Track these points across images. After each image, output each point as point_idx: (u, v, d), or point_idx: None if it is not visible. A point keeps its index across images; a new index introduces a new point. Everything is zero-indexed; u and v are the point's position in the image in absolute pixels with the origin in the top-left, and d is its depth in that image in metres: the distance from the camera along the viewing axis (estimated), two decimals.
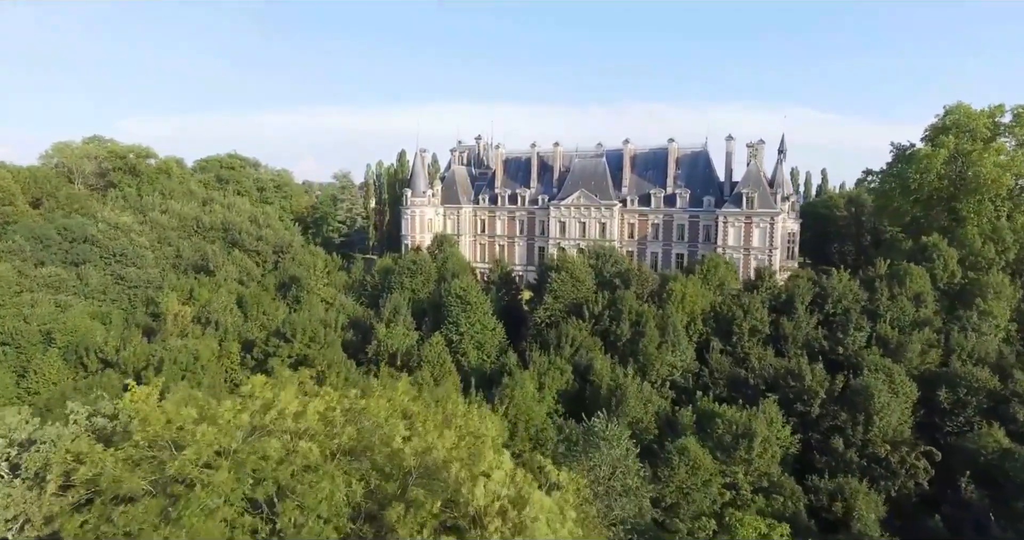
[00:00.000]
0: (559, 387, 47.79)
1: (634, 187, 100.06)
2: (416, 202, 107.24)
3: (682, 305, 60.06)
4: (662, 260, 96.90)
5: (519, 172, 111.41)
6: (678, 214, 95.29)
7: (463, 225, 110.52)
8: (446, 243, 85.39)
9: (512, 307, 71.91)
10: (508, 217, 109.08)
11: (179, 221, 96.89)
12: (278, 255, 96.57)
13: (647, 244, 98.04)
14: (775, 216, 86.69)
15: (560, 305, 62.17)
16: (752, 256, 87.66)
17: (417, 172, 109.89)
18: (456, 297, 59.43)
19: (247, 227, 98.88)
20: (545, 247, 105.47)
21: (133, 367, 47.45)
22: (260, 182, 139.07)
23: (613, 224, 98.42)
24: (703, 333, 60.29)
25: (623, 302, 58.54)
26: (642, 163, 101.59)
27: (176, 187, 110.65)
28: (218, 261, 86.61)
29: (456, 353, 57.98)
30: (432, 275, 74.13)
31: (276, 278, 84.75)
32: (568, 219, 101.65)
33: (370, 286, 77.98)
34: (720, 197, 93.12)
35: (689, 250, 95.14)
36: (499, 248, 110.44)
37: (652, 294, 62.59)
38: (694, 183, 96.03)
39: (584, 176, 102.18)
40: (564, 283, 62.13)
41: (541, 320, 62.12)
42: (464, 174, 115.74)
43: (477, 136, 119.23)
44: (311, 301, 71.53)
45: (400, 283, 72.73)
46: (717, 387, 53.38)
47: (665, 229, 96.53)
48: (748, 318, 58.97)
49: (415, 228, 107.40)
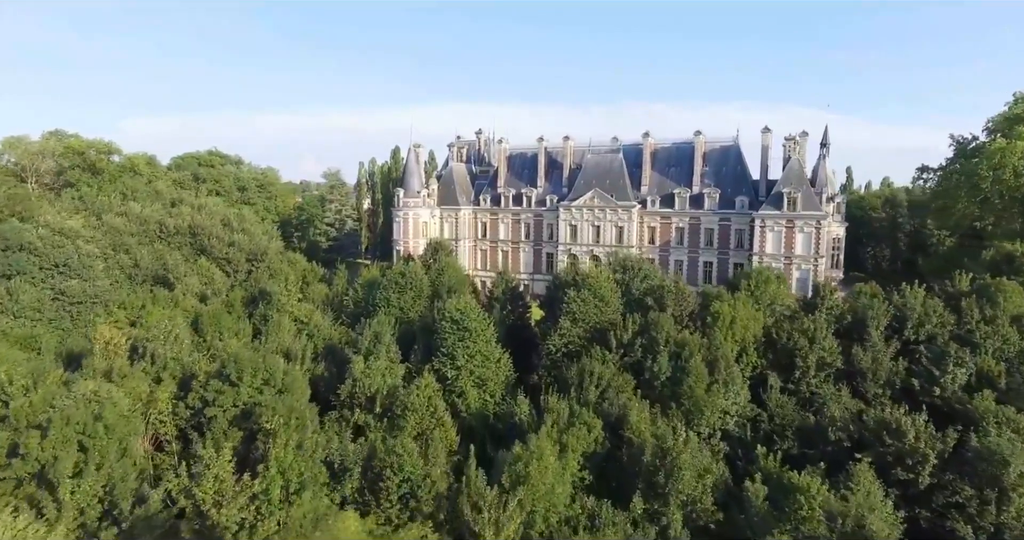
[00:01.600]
0: (585, 449, 36.45)
1: (655, 186, 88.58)
2: (409, 203, 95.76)
3: (731, 331, 48.56)
4: (687, 269, 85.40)
5: (524, 170, 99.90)
6: (706, 217, 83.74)
7: (462, 228, 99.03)
8: (441, 251, 73.86)
9: (519, 328, 60.45)
10: (512, 220, 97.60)
11: (139, 225, 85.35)
12: (252, 263, 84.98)
13: (670, 251, 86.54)
14: (821, 219, 75.17)
15: (580, 330, 50.67)
16: (795, 266, 76.19)
17: (410, 169, 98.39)
18: (452, 322, 47.96)
19: (218, 231, 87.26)
20: (554, 253, 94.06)
21: (27, 420, 36.12)
22: (241, 181, 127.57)
23: (631, 228, 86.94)
24: (756, 366, 48.81)
25: (659, 328, 47.02)
26: (664, 159, 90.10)
27: (142, 187, 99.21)
28: (178, 271, 75.13)
29: (451, 392, 46.52)
30: (424, 290, 62.63)
31: (245, 292, 73.29)
32: (580, 222, 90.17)
33: (352, 302, 66.47)
34: (755, 197, 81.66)
35: (719, 258, 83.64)
36: (502, 254, 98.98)
37: (692, 317, 51.04)
38: (724, 182, 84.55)
39: (598, 174, 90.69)
40: (585, 303, 50.59)
41: (556, 349, 50.63)
42: (463, 172, 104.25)
43: (478, 131, 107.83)
44: (281, 322, 59.97)
45: (386, 300, 61.24)
46: (783, 441, 41.90)
47: (691, 234, 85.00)
48: (814, 348, 47.48)
49: (408, 232, 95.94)
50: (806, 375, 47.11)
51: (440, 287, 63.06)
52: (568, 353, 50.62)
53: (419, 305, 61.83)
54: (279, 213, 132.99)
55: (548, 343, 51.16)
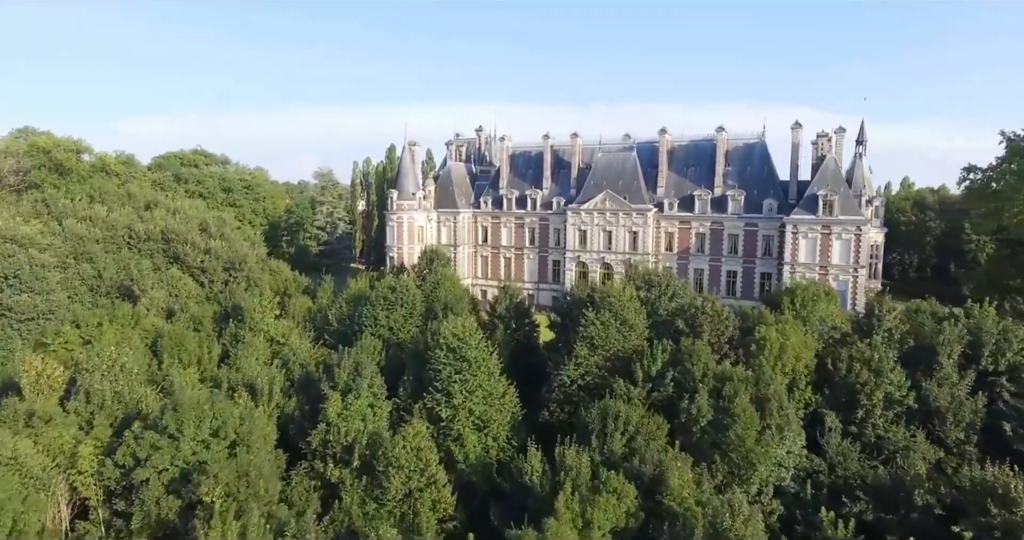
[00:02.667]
0: (615, 524, 28.79)
1: (672, 187, 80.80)
2: (403, 206, 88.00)
3: (780, 362, 40.78)
4: (708, 279, 77.63)
5: (529, 169, 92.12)
6: (730, 221, 75.95)
7: (461, 233, 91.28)
8: (437, 260, 66.07)
9: (526, 351, 52.74)
10: (516, 224, 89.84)
11: (106, 230, 77.67)
12: (229, 273, 77.31)
13: (689, 259, 78.75)
14: (861, 225, 67.36)
15: (598, 359, 42.88)
16: (831, 276, 68.37)
17: (405, 169, 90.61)
18: (447, 350, 40.22)
19: (193, 237, 79.61)
20: (561, 261, 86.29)
21: None
22: (227, 182, 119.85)
23: (646, 233, 79.15)
24: (809, 402, 41.08)
25: (694, 359, 39.28)
26: (682, 158, 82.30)
27: (113, 188, 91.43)
28: (144, 283, 67.49)
29: (446, 437, 38.78)
30: (416, 307, 54.86)
31: (219, 305, 65.62)
32: (590, 227, 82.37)
33: (336, 320, 58.71)
34: (784, 200, 73.88)
35: (744, 267, 75.84)
36: (504, 262, 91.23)
37: (732, 343, 43.20)
38: (749, 183, 76.76)
39: (610, 174, 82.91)
40: (605, 327, 42.81)
41: (571, 380, 42.83)
42: (462, 172, 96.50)
43: (478, 127, 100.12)
44: (252, 344, 52.31)
45: (373, 318, 53.49)
46: (853, 501, 34.12)
47: (713, 240, 77.21)
48: (880, 381, 39.73)
49: (402, 238, 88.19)
50: (871, 415, 39.40)
51: (435, 303, 55.33)
52: (585, 386, 42.85)
53: (411, 324, 54.10)
54: (268, 216, 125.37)
55: (561, 373, 43.34)
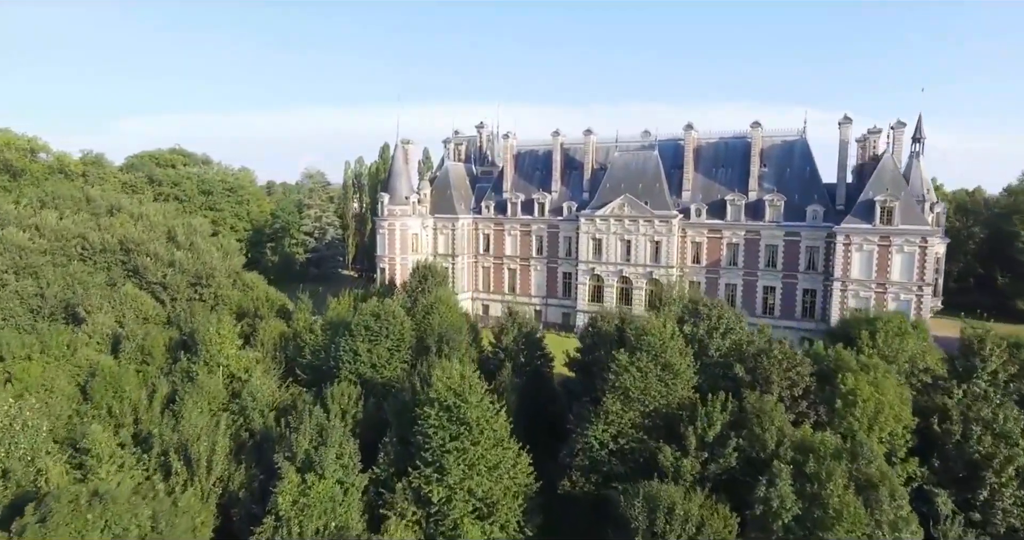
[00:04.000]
0: None
1: (700, 191, 71.18)
2: (395, 211, 78.38)
3: (875, 424, 31.21)
4: (742, 296, 68.03)
5: (536, 171, 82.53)
6: (767, 230, 66.35)
7: (460, 242, 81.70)
8: (432, 278, 56.33)
9: (539, 392, 43.22)
10: (521, 231, 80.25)
11: (55, 240, 68.20)
12: (196, 289, 67.82)
13: (720, 272, 69.13)
14: (928, 236, 57.72)
15: (634, 415, 33.36)
16: (890, 295, 58.80)
17: (397, 171, 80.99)
18: (441, 409, 30.72)
19: (155, 248, 70.12)
20: (573, 273, 76.71)
21: None
22: (206, 184, 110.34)
23: (671, 243, 69.55)
24: (912, 476, 31.54)
25: (765, 422, 29.79)
26: (710, 158, 72.69)
27: (71, 191, 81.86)
28: (91, 303, 57.97)
29: (438, 526, 29.25)
30: (405, 338, 45.25)
31: (179, 330, 56.35)
32: (606, 235, 72.76)
33: (311, 351, 49.12)
34: (831, 206, 64.29)
35: (784, 282, 66.21)
36: (508, 274, 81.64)
37: (810, 397, 33.52)
38: (789, 186, 67.16)
39: (628, 176, 73.30)
40: (644, 376, 33.28)
41: (600, 443, 33.27)
42: (462, 173, 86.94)
43: (479, 124, 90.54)
44: (205, 386, 42.81)
45: (352, 353, 43.94)
46: None
47: (748, 251, 67.60)
48: (1011, 450, 30.23)
49: (394, 246, 78.57)
50: (999, 497, 29.91)
51: (428, 334, 45.71)
52: (619, 451, 33.25)
53: (398, 360, 44.55)
54: (253, 220, 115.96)
55: (587, 433, 33.74)
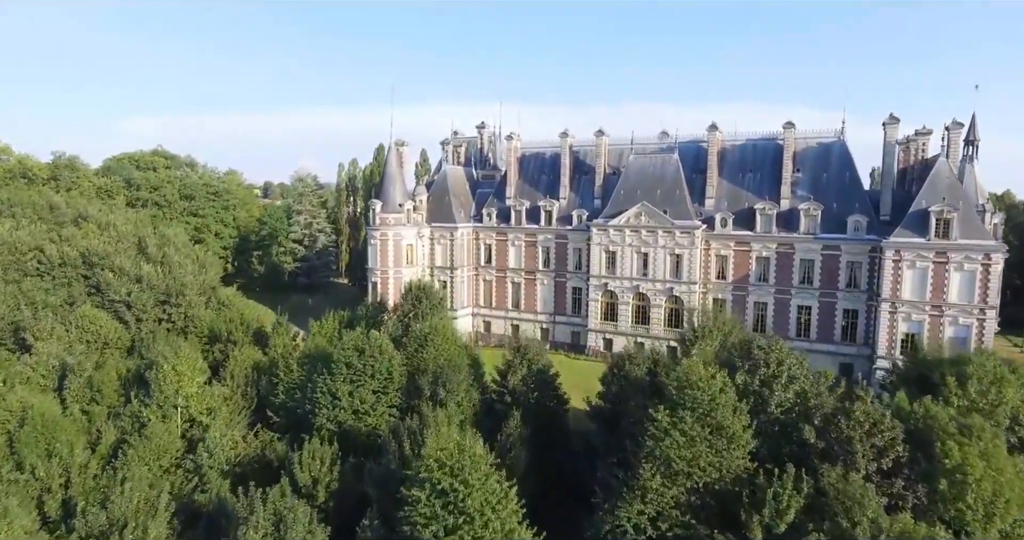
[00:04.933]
0: None
1: (725, 199, 64.28)
2: (388, 220, 71.40)
3: (995, 510, 24.28)
4: (773, 316, 61.10)
5: (542, 175, 75.60)
6: (803, 243, 59.42)
7: (459, 253, 74.71)
8: (426, 300, 49.19)
9: (553, 443, 36.31)
10: (526, 242, 73.29)
11: (7, 254, 61.36)
12: (165, 308, 60.92)
13: (748, 289, 62.18)
14: (991, 252, 50.76)
15: (678, 491, 26.45)
16: (946, 320, 51.87)
17: (391, 175, 74.01)
18: (435, 493, 23.84)
19: (120, 261, 63.23)
20: (583, 288, 69.83)
21: None
22: (188, 188, 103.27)
23: (693, 256, 62.64)
24: None
25: (853, 513, 22.91)
26: (736, 162, 65.76)
27: (34, 198, 74.96)
28: (40, 328, 51.04)
29: None
30: (395, 377, 38.30)
31: (140, 359, 49.60)
32: (620, 247, 65.82)
33: (284, 389, 42.16)
34: (875, 217, 57.38)
35: (821, 301, 59.27)
36: (512, 288, 74.69)
37: (903, 473, 26.51)
38: (826, 193, 60.25)
39: (645, 181, 66.38)
40: (691, 444, 26.32)
41: (636, 526, 26.33)
42: (461, 178, 79.99)
43: (479, 124, 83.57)
44: (154, 436, 35.97)
45: (328, 396, 36.96)
46: None
47: (780, 266, 60.64)
48: None
49: (386, 258, 71.60)
50: None
51: (420, 373, 38.69)
52: (660, 539, 26.26)
53: (385, 404, 37.63)
54: (239, 226, 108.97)
55: (619, 513, 26.76)
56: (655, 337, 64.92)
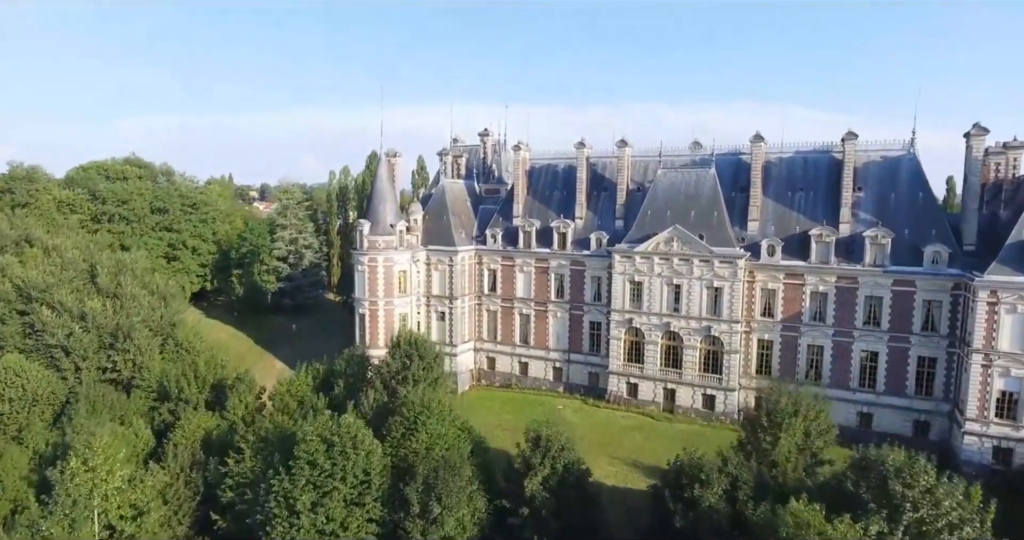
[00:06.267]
0: None
1: (771, 222, 54.82)
2: (378, 243, 61.95)
3: None
4: (831, 361, 51.64)
5: (554, 191, 66.17)
6: (868, 277, 49.93)
7: (459, 280, 65.21)
8: (420, 357, 39.47)
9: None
10: (537, 268, 63.82)
11: None
12: (110, 353, 51.49)
13: (800, 330, 52.68)
14: None
15: None
16: None
17: (380, 191, 64.55)
18: None
19: (63, 295, 53.86)
20: (603, 323, 60.43)
21: None
22: (161, 200, 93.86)
23: (735, 290, 53.19)
24: None
25: None
26: (784, 178, 56.29)
27: None
28: None
29: None
30: (375, 483, 28.81)
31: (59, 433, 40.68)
32: (648, 277, 56.36)
33: (234, 483, 32.73)
34: (957, 247, 47.89)
35: (891, 346, 49.75)
36: (520, 320, 65.22)
37: None
38: (895, 217, 50.78)
39: (676, 201, 56.94)
40: None
41: None
42: (461, 193, 70.52)
43: (483, 131, 74.12)
44: None
45: (288, 507, 27.51)
46: None
47: (840, 304, 51.14)
48: None
49: (375, 287, 62.14)
50: None
51: (409, 471, 29.22)
52: None
53: (361, 517, 28.18)
54: (220, 241, 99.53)
55: None
56: (689, 384, 55.51)
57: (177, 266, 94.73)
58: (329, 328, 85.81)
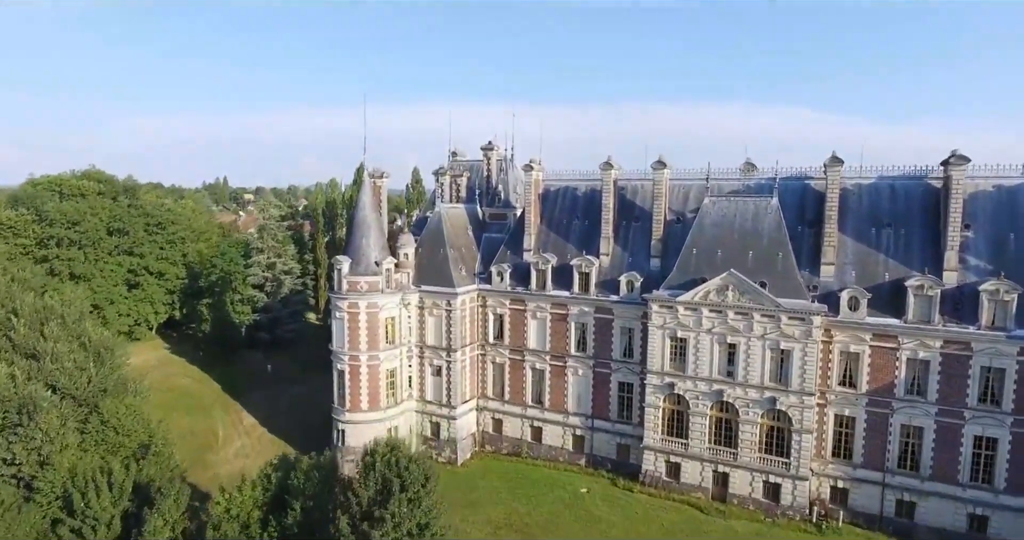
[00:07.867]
0: None
1: (851, 266, 43.62)
2: (360, 285, 50.77)
3: None
4: (934, 447, 40.46)
5: (574, 219, 55.00)
6: (985, 342, 38.68)
7: (459, 327, 53.90)
8: (405, 486, 27.75)
9: None
10: (553, 314, 52.55)
11: None
12: (9, 441, 40.12)
13: (892, 406, 41.45)
14: None
15: None
16: None
17: (363, 221, 53.35)
18: None
19: None
20: (635, 385, 49.24)
21: None
22: (121, 220, 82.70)
23: (808, 353, 41.96)
24: None
25: None
26: (864, 211, 45.06)
27: None
28: None
29: None
30: None
31: None
32: (696, 334, 45.13)
33: None
34: None
35: (1016, 432, 38.55)
36: (532, 375, 54.01)
37: None
38: (1018, 264, 39.55)
39: (728, 237, 45.68)
40: None
41: None
42: (462, 220, 59.24)
43: (486, 145, 62.84)
44: None
45: None
46: None
47: (946, 375, 39.90)
48: None
49: (358, 338, 50.96)
50: None
51: None
52: None
53: None
54: (190, 264, 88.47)
55: None
56: (746, 468, 44.35)
57: (139, 295, 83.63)
58: (311, 366, 74.72)
